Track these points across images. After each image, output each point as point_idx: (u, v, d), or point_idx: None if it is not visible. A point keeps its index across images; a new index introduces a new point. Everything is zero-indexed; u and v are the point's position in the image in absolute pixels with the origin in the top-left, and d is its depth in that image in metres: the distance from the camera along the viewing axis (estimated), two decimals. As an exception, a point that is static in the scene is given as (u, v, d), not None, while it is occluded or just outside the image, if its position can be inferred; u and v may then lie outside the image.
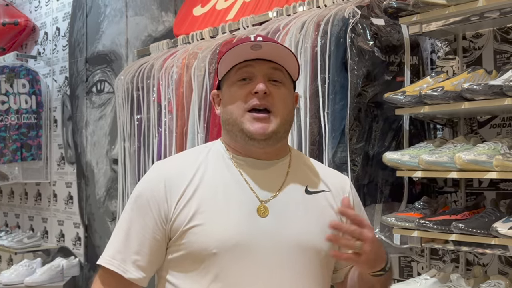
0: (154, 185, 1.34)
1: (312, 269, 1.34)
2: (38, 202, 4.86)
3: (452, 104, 1.88)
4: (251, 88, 1.32)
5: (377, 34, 2.13)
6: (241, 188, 1.33)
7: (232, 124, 1.33)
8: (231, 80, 1.35)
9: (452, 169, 1.85)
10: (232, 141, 1.37)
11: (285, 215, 1.32)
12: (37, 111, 4.66)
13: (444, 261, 2.24)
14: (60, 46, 4.66)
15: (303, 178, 1.40)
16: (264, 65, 1.33)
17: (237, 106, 1.32)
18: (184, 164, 1.36)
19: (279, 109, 1.32)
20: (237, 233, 1.28)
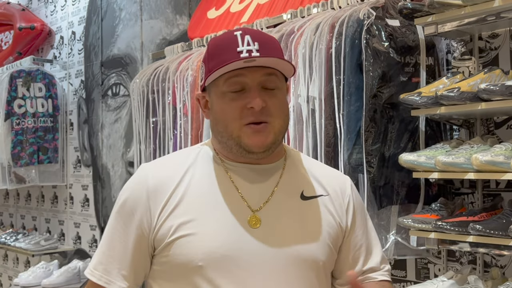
0: (137, 191, 1.26)
1: (308, 282, 1.26)
2: (55, 204, 4.90)
3: (468, 104, 1.86)
4: (245, 101, 1.21)
5: (392, 35, 2.12)
6: (231, 196, 1.25)
7: (228, 137, 1.25)
8: (220, 89, 1.24)
9: (469, 170, 1.84)
10: (224, 150, 1.29)
11: (277, 225, 1.24)
12: (54, 115, 4.71)
13: (461, 262, 2.22)
14: (76, 50, 4.70)
15: (299, 182, 1.32)
16: (257, 73, 1.22)
17: (232, 120, 1.23)
18: (170, 169, 1.28)
19: (277, 118, 1.24)
20: (224, 245, 1.20)
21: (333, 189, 1.34)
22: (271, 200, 1.26)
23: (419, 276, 2.37)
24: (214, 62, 1.23)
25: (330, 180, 1.36)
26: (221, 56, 1.22)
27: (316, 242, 1.27)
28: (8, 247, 4.79)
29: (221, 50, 1.23)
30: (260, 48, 1.21)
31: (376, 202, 2.10)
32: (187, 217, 1.22)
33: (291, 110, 2.33)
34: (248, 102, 1.21)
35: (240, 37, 1.21)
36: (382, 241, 2.12)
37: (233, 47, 1.21)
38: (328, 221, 1.30)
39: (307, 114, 2.26)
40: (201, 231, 1.21)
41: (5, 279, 5.56)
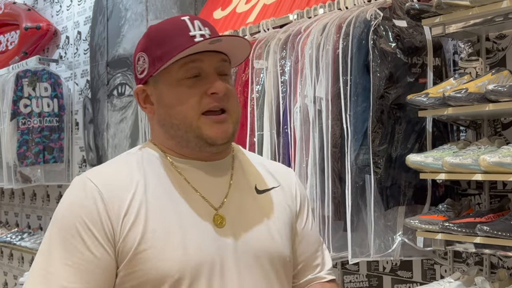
0: (88, 204, 1.10)
1: (281, 278, 1.21)
2: (60, 204, 4.90)
3: (476, 105, 1.86)
4: (205, 87, 1.12)
5: (399, 36, 2.12)
6: (190, 197, 1.15)
7: (185, 130, 1.14)
8: (173, 77, 1.13)
9: (477, 171, 1.84)
10: (180, 146, 1.17)
11: (241, 221, 1.17)
12: (59, 114, 4.72)
13: (468, 264, 2.22)
14: (82, 50, 4.71)
15: (250, 176, 1.25)
16: (214, 58, 1.14)
17: (191, 109, 1.13)
18: (120, 175, 1.14)
19: (233, 107, 1.17)
20: (198, 252, 1.11)
21: (283, 180, 1.30)
22: (229, 196, 1.19)
23: (425, 277, 2.37)
24: (164, 49, 1.12)
25: (278, 171, 1.32)
26: (173, 41, 1.12)
27: (281, 237, 1.21)
28: (14, 246, 4.81)
29: (169, 37, 1.13)
30: (212, 33, 1.14)
31: (383, 203, 2.10)
32: (151, 226, 1.10)
33: (298, 111, 2.33)
34: (208, 88, 1.13)
35: (189, 22, 1.13)
36: (389, 241, 2.13)
37: (185, 32, 1.12)
38: (285, 212, 1.25)
39: (314, 114, 2.26)
40: (169, 240, 1.10)
41: (10, 278, 5.58)
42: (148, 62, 1.16)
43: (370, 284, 2.60)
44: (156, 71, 1.14)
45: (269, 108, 2.47)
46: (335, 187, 2.20)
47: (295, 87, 2.37)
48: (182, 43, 1.11)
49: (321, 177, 2.24)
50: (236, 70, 2.67)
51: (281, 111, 2.43)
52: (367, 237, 2.14)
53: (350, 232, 2.13)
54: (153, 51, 1.14)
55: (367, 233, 2.14)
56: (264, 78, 2.51)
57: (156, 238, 1.10)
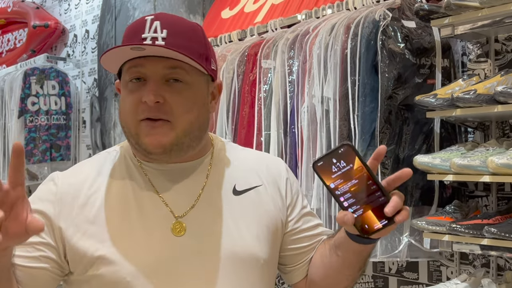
0: (43, 203, 1.09)
1: (252, 282, 1.14)
2: (66, 202, 4.92)
3: (484, 107, 1.86)
4: (142, 94, 1.07)
5: (408, 37, 2.12)
6: (153, 203, 1.11)
7: (128, 134, 1.11)
8: (124, 78, 1.11)
9: (485, 173, 1.83)
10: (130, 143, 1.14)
11: (206, 228, 1.12)
12: (66, 112, 4.74)
13: (474, 265, 2.21)
14: (89, 48, 4.73)
15: (230, 175, 1.18)
16: (159, 65, 1.07)
17: (129, 115, 1.09)
18: (83, 176, 1.13)
19: (180, 116, 1.08)
20: (150, 259, 1.08)
21: (268, 175, 1.22)
22: (198, 202, 1.13)
23: (431, 279, 2.37)
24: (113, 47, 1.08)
25: (264, 165, 1.24)
26: (126, 39, 1.09)
27: (255, 239, 1.15)
28: (20, 243, 4.82)
29: (129, 34, 1.10)
30: (168, 36, 1.06)
31: (390, 204, 2.09)
32: (109, 231, 1.08)
33: (305, 111, 2.33)
34: (143, 96, 1.07)
35: (149, 22, 1.07)
36: (396, 242, 2.12)
37: (138, 33, 1.07)
38: (266, 214, 1.18)
39: (321, 114, 2.26)
40: (125, 246, 1.08)
41: (16, 275, 5.59)
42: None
43: (375, 285, 2.60)
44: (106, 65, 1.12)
45: (276, 108, 2.47)
46: (342, 188, 2.19)
47: (302, 87, 2.37)
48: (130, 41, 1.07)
49: (328, 177, 2.24)
50: (244, 70, 2.67)
51: (289, 111, 2.43)
52: (374, 238, 2.14)
53: (356, 233, 2.13)
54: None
55: (373, 234, 2.13)
56: (271, 78, 2.51)
57: (112, 245, 1.07)
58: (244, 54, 2.70)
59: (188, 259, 1.10)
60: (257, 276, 1.16)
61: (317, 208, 2.28)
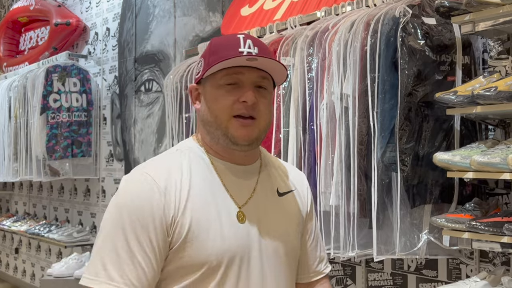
0: (149, 196, 1.28)
1: (292, 270, 1.42)
2: (87, 197, 4.99)
3: (505, 104, 1.84)
4: (239, 96, 1.31)
5: (428, 33, 2.11)
6: (222, 194, 1.34)
7: (216, 127, 1.33)
8: (217, 82, 1.33)
9: (505, 171, 1.82)
10: (214, 143, 1.36)
11: (261, 219, 1.36)
12: (87, 109, 4.80)
13: (494, 264, 2.20)
14: (110, 46, 4.78)
15: (273, 180, 1.44)
16: (254, 74, 1.33)
17: (223, 111, 1.32)
18: (172, 171, 1.32)
19: (263, 116, 1.35)
20: (231, 243, 1.30)
21: (298, 184, 1.50)
22: (253, 197, 1.37)
23: (451, 277, 2.36)
24: (215, 57, 1.32)
25: (294, 175, 1.52)
26: (224, 52, 1.31)
27: (293, 234, 1.42)
28: (42, 238, 4.90)
29: (223, 48, 1.33)
30: (259, 52, 1.32)
31: (409, 201, 2.09)
32: (197, 217, 1.28)
33: (324, 108, 2.34)
34: (241, 96, 1.31)
35: (242, 40, 1.32)
36: (415, 240, 2.12)
37: (235, 47, 1.31)
38: (298, 213, 1.46)
39: (340, 111, 2.27)
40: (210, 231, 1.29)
41: (37, 270, 5.69)
42: (203, 66, 1.36)
43: (394, 282, 2.59)
44: (204, 73, 1.34)
45: (295, 105, 2.48)
46: (361, 185, 2.20)
47: (321, 84, 2.37)
48: (229, 54, 1.30)
49: (347, 174, 2.25)
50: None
51: (308, 108, 2.44)
52: (393, 235, 2.14)
53: (375, 230, 2.13)
54: (208, 57, 1.34)
55: (392, 231, 2.14)
56: (291, 75, 2.52)
57: (200, 229, 1.28)
58: (263, 51, 2.71)
59: (252, 244, 1.33)
60: (294, 265, 1.44)
61: (336, 205, 2.28)
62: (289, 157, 2.48)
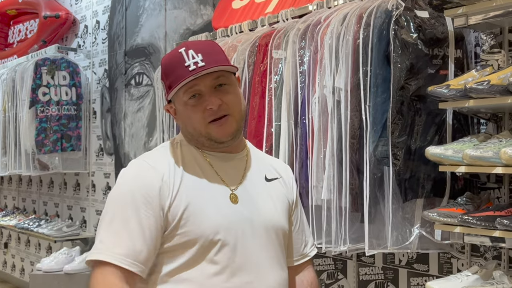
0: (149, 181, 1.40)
1: (280, 247, 1.52)
2: (77, 192, 4.96)
3: (498, 98, 1.84)
4: (204, 105, 1.42)
5: (421, 27, 2.10)
6: (214, 178, 1.46)
7: (198, 135, 1.46)
8: (181, 99, 1.44)
9: (497, 165, 1.82)
10: (199, 144, 1.49)
11: (252, 201, 1.48)
12: (77, 103, 4.75)
13: (486, 258, 2.20)
14: (100, 39, 4.74)
15: (260, 167, 1.56)
16: (208, 79, 1.42)
17: (198, 123, 1.44)
18: (166, 158, 1.46)
19: (235, 108, 1.46)
20: (225, 220, 1.42)
21: (283, 173, 1.62)
22: (243, 182, 1.50)
23: (442, 271, 2.36)
24: (170, 79, 1.43)
25: (279, 166, 1.64)
26: (174, 73, 1.42)
27: (282, 215, 1.54)
28: (31, 232, 4.86)
29: (172, 68, 1.44)
30: (204, 57, 1.42)
31: (401, 195, 2.09)
32: (191, 198, 1.40)
33: (316, 101, 2.32)
34: (206, 105, 1.42)
35: (184, 53, 1.42)
36: (406, 234, 2.11)
37: (181, 63, 1.41)
38: (285, 198, 1.58)
39: (333, 105, 2.25)
40: (205, 210, 1.41)
41: (27, 264, 5.65)
42: (165, 87, 1.48)
43: (385, 276, 2.59)
44: (169, 96, 1.46)
45: (287, 99, 2.46)
46: (352, 179, 2.19)
47: (314, 78, 2.36)
48: (180, 74, 1.41)
49: (338, 169, 2.23)
50: (255, 60, 2.66)
51: (299, 102, 2.42)
52: (384, 229, 2.13)
53: (367, 224, 2.13)
54: (166, 79, 1.46)
55: (384, 225, 2.13)
56: (282, 68, 2.50)
57: (195, 207, 1.40)
58: (254, 45, 2.69)
59: (245, 222, 1.44)
60: (284, 246, 1.55)
61: (327, 199, 2.27)
62: (280, 151, 2.46)
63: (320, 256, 2.77)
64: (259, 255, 1.45)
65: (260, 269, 1.44)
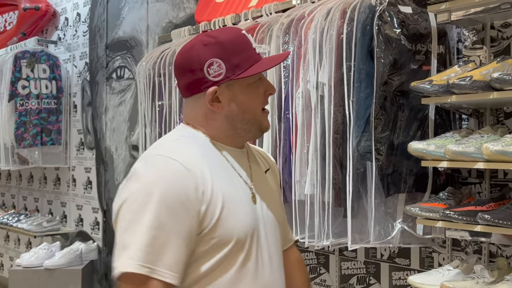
0: (184, 183, 1.27)
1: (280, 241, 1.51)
2: (57, 186, 4.90)
3: (480, 93, 1.85)
4: (265, 88, 1.40)
5: (404, 22, 2.10)
6: (234, 176, 1.39)
7: (252, 123, 1.39)
8: (247, 82, 1.37)
9: (479, 160, 1.83)
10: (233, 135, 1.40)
11: (263, 199, 1.43)
12: (57, 96, 4.69)
13: (467, 252, 2.22)
14: (81, 31, 4.67)
15: (257, 160, 1.52)
16: None
17: (258, 106, 1.39)
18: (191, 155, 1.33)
19: None
20: (251, 218, 1.37)
21: (269, 161, 1.59)
22: (253, 177, 1.43)
23: (423, 265, 2.38)
24: (240, 58, 1.34)
25: (265, 155, 1.61)
26: (245, 53, 1.35)
27: (281, 206, 1.54)
28: (10, 227, 4.80)
29: (242, 49, 1.35)
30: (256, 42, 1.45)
31: (383, 190, 2.10)
32: (224, 198, 1.31)
33: (300, 96, 2.32)
34: (267, 89, 1.40)
35: (248, 36, 1.38)
36: (389, 229, 2.13)
37: (250, 45, 1.37)
38: (278, 187, 1.58)
39: (316, 100, 2.25)
40: (236, 210, 1.33)
41: (6, 260, 5.58)
42: (225, 68, 1.34)
43: (367, 271, 2.61)
44: (237, 77, 1.34)
45: (270, 93, 2.45)
46: (336, 174, 2.20)
47: (297, 72, 2.35)
48: (252, 55, 1.36)
49: (322, 163, 2.24)
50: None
51: (283, 96, 2.42)
52: (367, 224, 2.14)
53: (350, 219, 2.13)
54: (231, 59, 1.34)
55: (367, 219, 2.14)
56: (266, 63, 2.49)
57: (229, 207, 1.31)
58: (238, 39, 2.67)
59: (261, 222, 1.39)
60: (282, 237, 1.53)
61: (310, 194, 2.27)
62: (264, 146, 2.46)
63: (302, 251, 2.77)
64: (272, 250, 1.41)
65: (273, 267, 1.41)
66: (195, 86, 1.37)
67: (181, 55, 1.39)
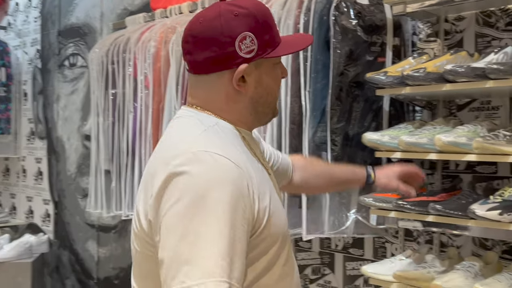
0: (239, 183, 1.12)
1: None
2: (6, 177, 4.76)
3: (433, 85, 1.87)
4: (282, 71, 1.30)
5: (360, 13, 2.11)
6: (260, 165, 1.26)
7: (272, 106, 1.29)
8: (272, 62, 1.25)
9: (432, 151, 1.86)
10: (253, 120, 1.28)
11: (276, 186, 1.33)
12: (7, 84, 4.54)
13: (419, 242, 2.26)
14: (32, 17, 4.53)
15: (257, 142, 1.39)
16: None
17: (277, 89, 1.30)
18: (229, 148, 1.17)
19: None
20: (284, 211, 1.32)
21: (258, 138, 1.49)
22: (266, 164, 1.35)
23: (377, 255, 2.41)
24: (269, 35, 1.21)
25: None
26: (273, 29, 1.23)
27: None
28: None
29: (271, 23, 1.24)
30: None
31: (338, 181, 2.10)
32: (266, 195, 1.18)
33: (256, 86, 2.30)
34: (283, 72, 1.30)
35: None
36: (343, 219, 2.14)
37: (274, 22, 1.27)
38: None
39: (272, 90, 2.23)
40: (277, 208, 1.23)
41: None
42: (257, 44, 1.20)
43: (322, 261, 2.62)
44: (268, 55, 1.22)
45: (227, 83, 2.42)
46: (291, 164, 2.19)
47: (254, 62, 2.33)
48: (277, 32, 1.25)
49: (277, 154, 2.23)
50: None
51: (239, 86, 2.39)
52: (322, 214, 2.15)
53: (305, 209, 2.14)
54: (263, 35, 1.20)
55: (321, 210, 2.15)
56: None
57: (273, 206, 1.19)
58: (194, 27, 2.63)
59: None
60: None
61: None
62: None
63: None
64: None
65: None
66: (222, 62, 1.19)
67: (203, 24, 1.20)
